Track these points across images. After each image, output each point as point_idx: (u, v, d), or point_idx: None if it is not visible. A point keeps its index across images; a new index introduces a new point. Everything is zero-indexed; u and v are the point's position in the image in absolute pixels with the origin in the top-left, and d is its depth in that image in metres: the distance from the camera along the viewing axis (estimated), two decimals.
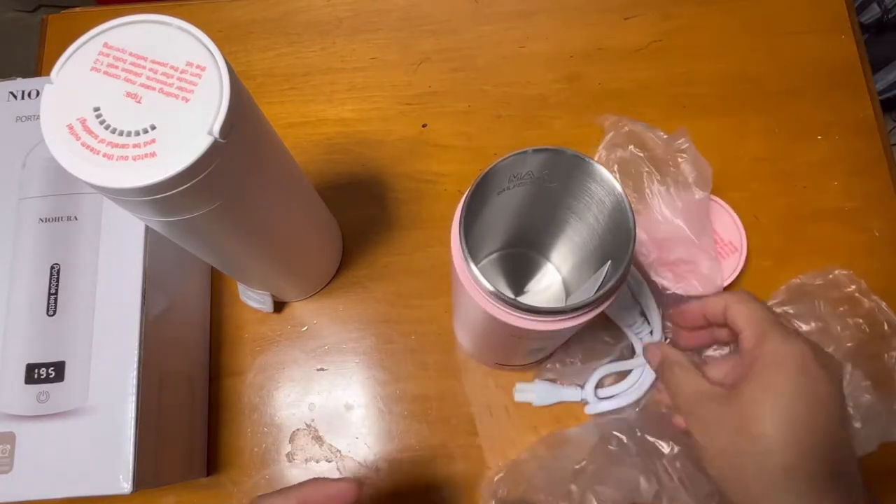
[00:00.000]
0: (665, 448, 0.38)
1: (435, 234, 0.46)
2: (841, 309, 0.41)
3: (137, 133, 0.20)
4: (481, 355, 0.42)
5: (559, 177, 0.30)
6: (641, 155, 0.42)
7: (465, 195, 0.27)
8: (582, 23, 0.52)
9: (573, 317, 0.26)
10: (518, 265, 0.42)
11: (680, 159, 0.41)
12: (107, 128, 0.20)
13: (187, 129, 0.21)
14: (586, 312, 0.27)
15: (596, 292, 0.26)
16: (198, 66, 0.22)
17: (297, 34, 0.52)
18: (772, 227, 0.46)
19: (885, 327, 0.41)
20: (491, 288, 0.26)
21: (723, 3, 0.51)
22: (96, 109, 0.21)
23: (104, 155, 0.20)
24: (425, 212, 0.47)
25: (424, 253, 0.46)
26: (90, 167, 0.20)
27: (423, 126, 0.49)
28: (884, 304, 0.41)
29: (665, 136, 0.42)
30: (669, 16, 0.51)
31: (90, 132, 0.20)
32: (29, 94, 0.40)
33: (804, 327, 0.41)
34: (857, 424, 0.38)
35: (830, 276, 0.43)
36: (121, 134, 0.20)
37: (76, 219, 0.37)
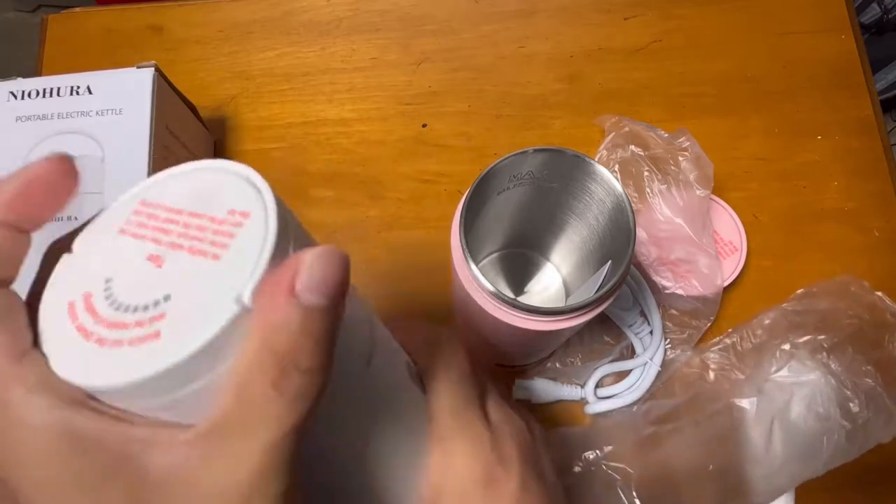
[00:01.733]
0: (621, 475, 0.38)
1: (435, 234, 0.46)
2: (841, 304, 0.41)
3: (146, 307, 0.15)
4: (481, 355, 0.42)
5: (559, 177, 0.30)
6: (642, 154, 0.43)
7: (465, 195, 0.27)
8: (582, 23, 0.52)
9: (573, 317, 0.26)
10: (518, 265, 0.42)
11: (681, 157, 0.41)
12: (112, 304, 0.15)
13: (208, 296, 0.14)
14: (586, 312, 0.27)
15: (596, 292, 0.26)
16: (241, 214, 0.16)
17: (297, 34, 0.52)
18: (772, 227, 0.46)
19: (888, 316, 0.41)
20: (491, 288, 0.26)
21: (723, 3, 0.51)
22: (108, 281, 0.15)
23: (97, 340, 0.14)
24: (425, 212, 0.47)
25: (424, 253, 0.46)
26: (73, 360, 0.14)
27: (423, 126, 0.49)
28: (886, 298, 0.41)
29: (666, 136, 0.42)
30: (669, 16, 0.51)
31: (92, 310, 0.15)
32: (29, 94, 0.40)
33: (800, 319, 0.41)
34: (855, 408, 0.38)
35: (834, 282, 0.43)
36: (126, 310, 0.15)
37: (76, 219, 0.37)
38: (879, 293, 0.41)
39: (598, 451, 0.39)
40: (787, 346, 0.40)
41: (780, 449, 0.38)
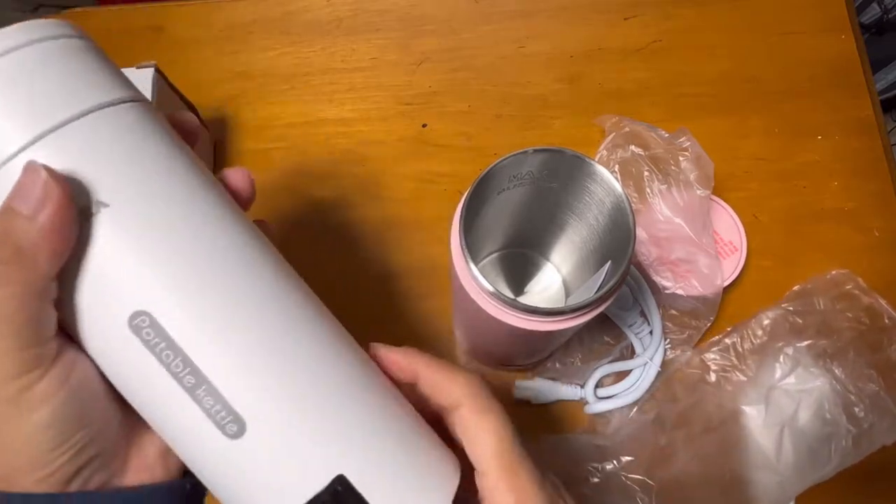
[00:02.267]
0: (640, 487, 0.38)
1: (435, 234, 0.46)
2: (839, 306, 0.42)
3: None
4: (481, 355, 0.42)
5: (559, 177, 0.30)
6: (642, 154, 0.43)
7: (465, 195, 0.27)
8: (582, 23, 0.52)
9: (573, 317, 0.26)
10: (518, 265, 0.42)
11: (681, 157, 0.41)
12: None
13: None
14: (586, 312, 0.27)
15: (596, 292, 0.26)
16: None
17: (297, 34, 0.52)
18: (772, 227, 0.46)
19: (886, 320, 0.41)
20: (491, 288, 0.26)
21: (723, 3, 0.51)
22: None
23: None
24: (425, 212, 0.47)
25: (424, 253, 0.46)
26: None
27: (423, 126, 0.49)
28: (882, 301, 0.41)
29: (666, 135, 0.42)
30: (669, 16, 0.51)
31: None
32: None
33: (800, 321, 0.41)
34: (861, 413, 0.38)
35: (829, 277, 0.43)
36: None
37: None
38: (876, 295, 0.42)
39: (615, 462, 0.39)
40: (789, 350, 0.40)
41: (791, 456, 0.38)
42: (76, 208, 0.17)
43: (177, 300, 0.18)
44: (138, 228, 0.18)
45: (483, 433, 0.22)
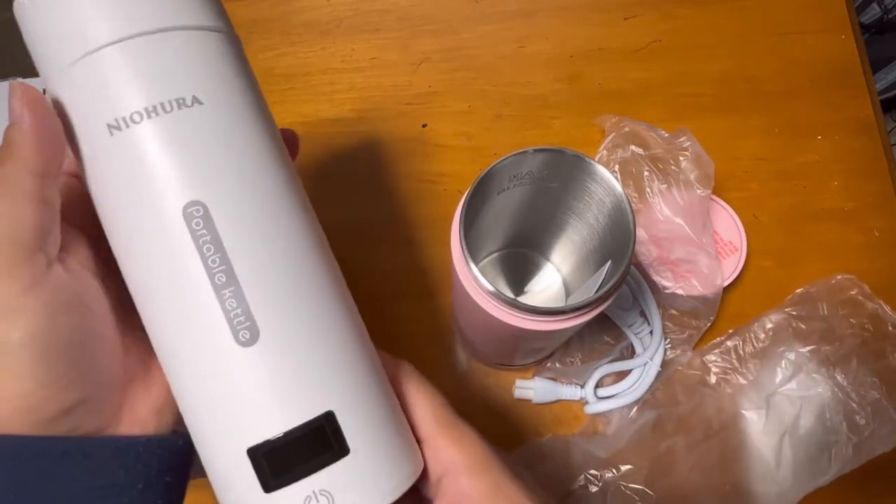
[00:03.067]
0: (641, 497, 0.38)
1: (435, 234, 0.46)
2: (843, 311, 0.41)
3: None
4: (481, 355, 0.42)
5: (559, 177, 0.30)
6: (642, 154, 0.43)
7: (465, 195, 0.27)
8: (582, 23, 0.52)
9: (573, 317, 0.26)
10: (518, 265, 0.42)
11: (681, 157, 0.41)
12: None
13: None
14: (586, 312, 0.27)
15: (596, 292, 0.26)
16: None
17: (297, 34, 0.52)
18: (772, 227, 0.46)
19: (889, 327, 0.41)
20: (491, 288, 0.26)
21: (723, 3, 0.51)
22: None
23: None
24: (425, 212, 0.47)
25: (424, 253, 0.46)
26: None
27: (423, 126, 0.49)
28: (887, 307, 0.41)
29: (666, 135, 0.42)
30: (669, 16, 0.51)
31: None
32: None
33: (803, 327, 0.41)
34: (862, 421, 0.38)
35: (833, 282, 0.43)
36: None
37: None
38: (881, 302, 0.41)
39: (614, 470, 0.38)
40: (791, 356, 0.40)
41: (790, 465, 0.38)
42: (55, 117, 0.19)
43: (235, 202, 0.19)
44: (224, 128, 0.20)
45: (421, 399, 0.24)
